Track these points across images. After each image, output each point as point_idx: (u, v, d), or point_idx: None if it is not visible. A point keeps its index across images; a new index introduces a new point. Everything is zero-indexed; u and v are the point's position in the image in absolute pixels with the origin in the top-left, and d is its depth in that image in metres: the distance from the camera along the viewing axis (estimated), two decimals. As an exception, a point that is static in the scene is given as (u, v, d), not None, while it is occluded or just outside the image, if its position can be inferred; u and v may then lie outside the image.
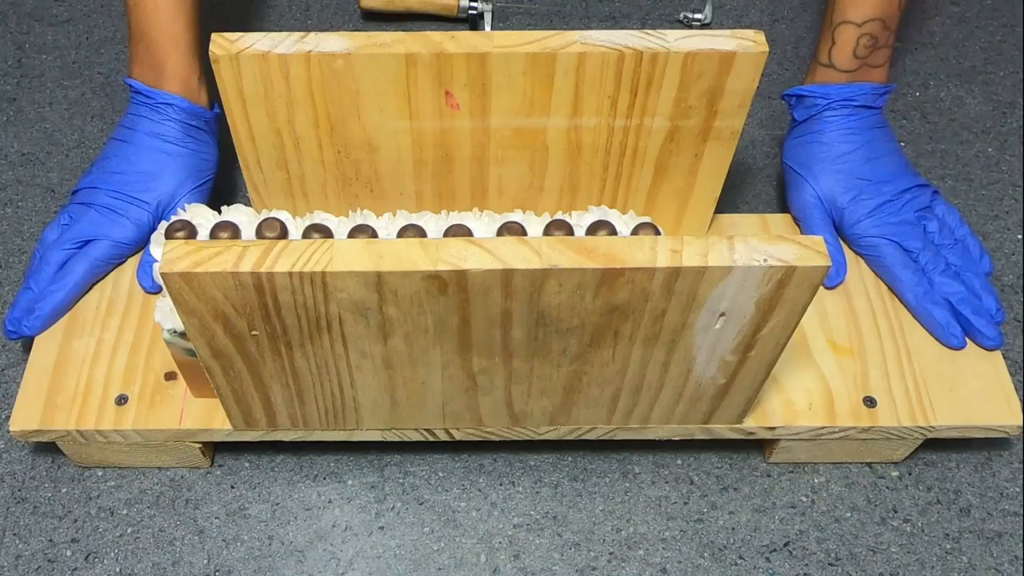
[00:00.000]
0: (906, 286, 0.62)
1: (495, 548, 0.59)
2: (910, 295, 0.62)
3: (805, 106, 0.67)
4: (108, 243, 0.62)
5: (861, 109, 0.66)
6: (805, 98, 0.67)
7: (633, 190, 0.61)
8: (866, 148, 0.65)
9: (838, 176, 0.65)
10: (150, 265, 0.62)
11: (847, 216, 0.64)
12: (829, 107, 0.66)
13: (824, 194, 0.65)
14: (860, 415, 0.58)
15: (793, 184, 0.67)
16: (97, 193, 0.63)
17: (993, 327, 0.60)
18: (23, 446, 0.63)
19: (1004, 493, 0.62)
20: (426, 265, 0.42)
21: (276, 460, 0.62)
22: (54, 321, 0.61)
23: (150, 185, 0.63)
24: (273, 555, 0.59)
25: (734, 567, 0.59)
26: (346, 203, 0.61)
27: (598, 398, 0.54)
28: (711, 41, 0.51)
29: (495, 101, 0.54)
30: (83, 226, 0.62)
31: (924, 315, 0.61)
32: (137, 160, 0.63)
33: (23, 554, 0.59)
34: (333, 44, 0.51)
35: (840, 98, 0.66)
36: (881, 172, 0.65)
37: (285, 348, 0.48)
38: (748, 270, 0.42)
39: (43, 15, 0.90)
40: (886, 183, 0.64)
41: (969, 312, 0.61)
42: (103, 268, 0.62)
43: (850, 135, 0.65)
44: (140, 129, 0.64)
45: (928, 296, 0.61)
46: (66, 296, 0.61)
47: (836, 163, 0.65)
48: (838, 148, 0.65)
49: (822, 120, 0.66)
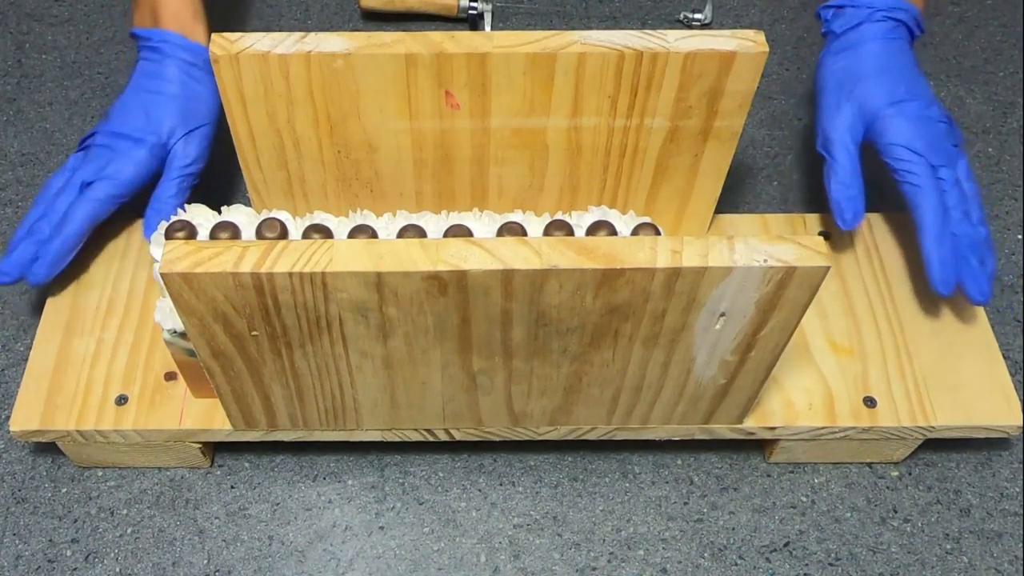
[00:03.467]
0: (927, 213, 0.58)
1: (495, 548, 0.59)
2: (929, 222, 0.58)
3: (845, 17, 0.63)
4: (106, 183, 0.62)
5: (902, 27, 0.62)
6: (846, 9, 0.63)
7: (633, 190, 0.61)
8: (913, 67, 0.61)
9: (884, 84, 0.60)
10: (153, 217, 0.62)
11: (887, 123, 0.59)
12: (871, 17, 0.61)
13: (864, 106, 0.60)
14: (860, 415, 0.58)
15: (827, 103, 0.62)
16: (95, 137, 0.63)
17: (988, 282, 0.58)
18: (23, 446, 0.63)
19: (1004, 493, 0.62)
20: (426, 265, 0.42)
21: (276, 460, 0.63)
22: (60, 268, 0.61)
23: (143, 122, 0.63)
24: (273, 555, 0.59)
25: (734, 567, 0.59)
26: (346, 203, 0.61)
27: (598, 398, 0.54)
28: (711, 41, 0.51)
29: (495, 101, 0.54)
30: (82, 170, 0.62)
31: (933, 250, 0.58)
32: (133, 101, 0.64)
33: (23, 554, 0.59)
34: (333, 44, 0.51)
35: (885, 7, 0.61)
36: (925, 92, 0.61)
37: (285, 348, 0.48)
38: (748, 270, 0.42)
39: (43, 15, 0.90)
40: (931, 105, 0.60)
41: (976, 260, 0.58)
42: (103, 208, 0.62)
43: (897, 47, 0.61)
44: (139, 72, 0.65)
45: (944, 232, 0.58)
46: (68, 240, 0.60)
47: (883, 73, 0.60)
48: (885, 58, 0.61)
49: (865, 29, 0.62)
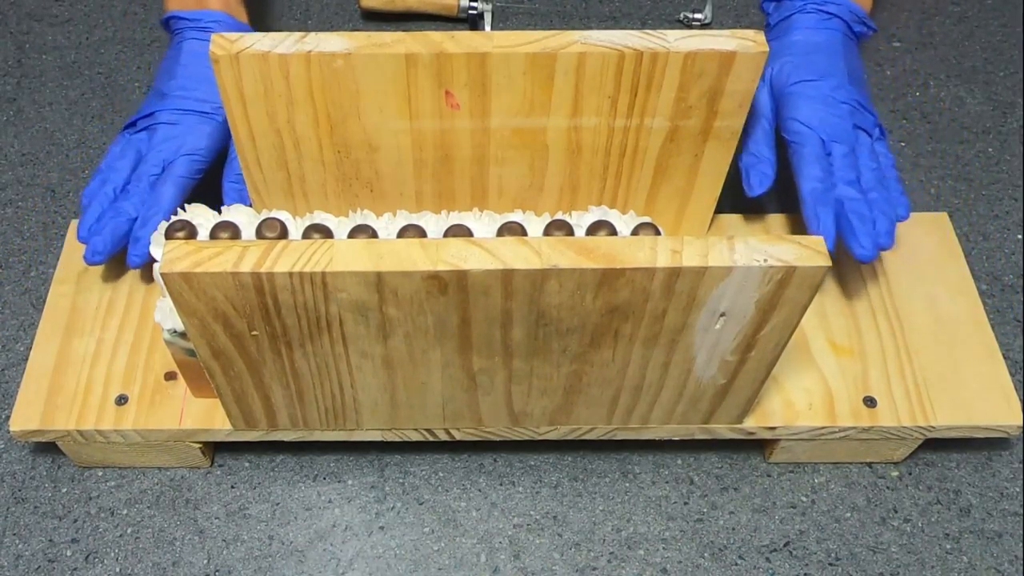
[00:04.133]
0: (806, 179, 0.59)
1: (495, 548, 0.59)
2: (807, 188, 0.58)
3: (781, 9, 0.66)
4: (187, 159, 0.62)
5: (835, 19, 0.64)
6: (783, 2, 0.67)
7: (633, 190, 0.61)
8: (829, 51, 0.63)
9: (796, 66, 0.63)
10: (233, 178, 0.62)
11: (789, 100, 0.61)
12: (803, 9, 0.65)
13: (777, 83, 0.63)
14: (860, 415, 0.58)
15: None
16: (160, 115, 0.63)
17: (869, 237, 0.57)
18: (23, 446, 0.63)
19: (1004, 493, 0.62)
20: (426, 265, 0.42)
21: (276, 460, 0.63)
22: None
23: (210, 95, 0.63)
24: (273, 555, 0.59)
25: (734, 567, 0.59)
26: (346, 203, 0.61)
27: (598, 398, 0.54)
28: (711, 41, 0.51)
29: (495, 101, 0.54)
30: (155, 152, 0.62)
31: (809, 210, 0.58)
32: (190, 76, 0.64)
33: (23, 554, 0.59)
34: (333, 44, 0.51)
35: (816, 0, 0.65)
36: (839, 74, 0.62)
37: (285, 348, 0.48)
38: (748, 270, 0.42)
39: (43, 15, 0.90)
40: (841, 86, 0.62)
41: (855, 218, 0.57)
42: (189, 184, 0.62)
43: (819, 36, 0.64)
44: (188, 51, 0.65)
45: (825, 195, 0.58)
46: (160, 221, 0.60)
47: (798, 54, 0.63)
48: (804, 44, 0.64)
49: (793, 20, 0.65)
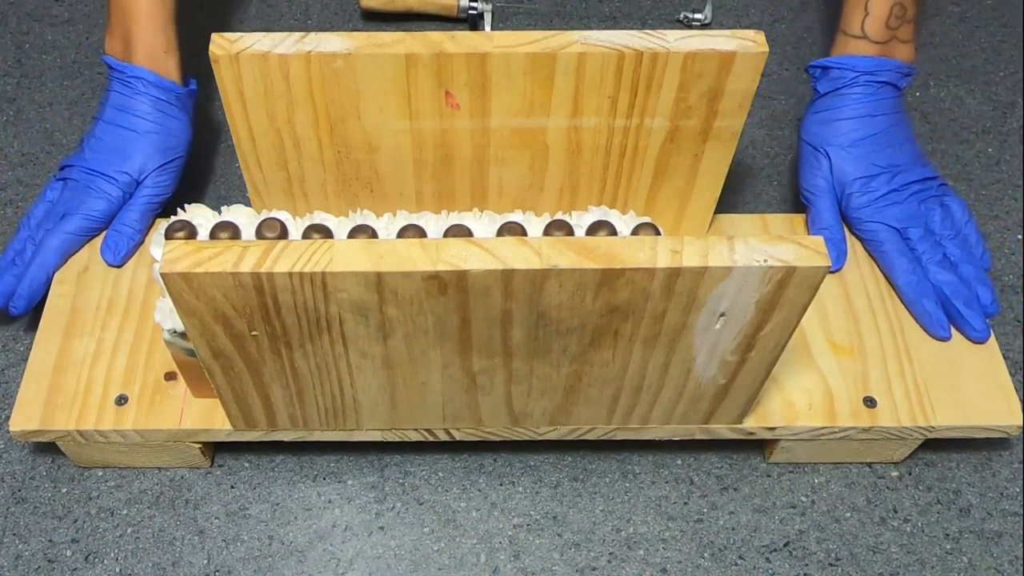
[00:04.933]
0: (899, 273, 0.62)
1: (495, 548, 0.59)
2: (903, 282, 0.62)
3: (830, 78, 0.66)
4: (79, 217, 0.64)
5: (886, 87, 0.65)
6: (831, 70, 0.66)
7: (633, 190, 0.61)
8: (884, 134, 0.65)
9: (854, 159, 0.65)
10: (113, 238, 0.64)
11: (854, 200, 0.64)
12: (855, 81, 0.65)
13: (837, 174, 0.65)
14: (860, 415, 0.58)
15: (807, 161, 0.67)
16: (72, 171, 0.66)
17: (981, 319, 0.60)
18: (23, 446, 0.63)
19: (1004, 493, 0.62)
20: (426, 265, 0.42)
21: (276, 460, 0.63)
22: (37, 299, 0.63)
23: (118, 160, 0.65)
24: (273, 555, 0.59)
25: (734, 567, 0.59)
26: (346, 203, 0.61)
27: (598, 398, 0.54)
28: (711, 41, 0.51)
29: (495, 101, 0.54)
30: (61, 203, 0.65)
31: (915, 303, 0.61)
32: (107, 136, 0.66)
33: (23, 554, 0.59)
34: (333, 44, 0.51)
35: (867, 70, 0.65)
36: (896, 160, 0.65)
37: (285, 348, 0.48)
38: (748, 270, 0.42)
39: (43, 15, 0.90)
40: (899, 172, 0.64)
41: (960, 303, 0.61)
42: (76, 241, 0.64)
43: (871, 118, 0.65)
44: (111, 104, 0.66)
45: (921, 285, 0.61)
46: (43, 270, 0.63)
47: (854, 146, 0.65)
48: (858, 131, 0.65)
49: (845, 96, 0.65)
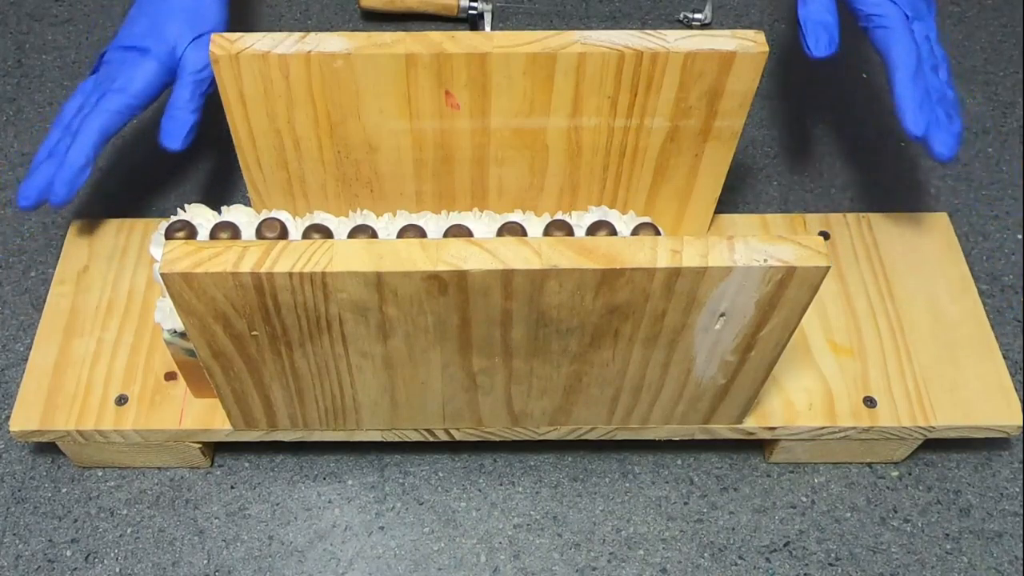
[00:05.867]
0: (902, 54, 0.58)
1: (495, 548, 0.59)
2: (904, 63, 0.58)
3: None
4: (116, 94, 0.62)
5: None
6: None
7: (633, 190, 0.61)
8: None
9: None
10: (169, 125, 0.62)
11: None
12: None
13: None
14: (860, 415, 0.58)
15: None
16: (105, 55, 0.64)
17: (955, 136, 0.58)
18: (23, 446, 0.63)
19: (1004, 493, 0.62)
20: (426, 265, 0.42)
21: (276, 460, 0.63)
22: (78, 186, 0.61)
23: (150, 31, 0.63)
24: (273, 555, 0.59)
25: (734, 567, 0.59)
26: (346, 203, 0.61)
27: (598, 398, 0.54)
28: (711, 41, 0.51)
29: (495, 101, 0.54)
30: (96, 88, 0.63)
31: (907, 89, 0.58)
32: (137, 13, 0.64)
33: (23, 554, 0.59)
34: (333, 44, 0.51)
35: None
36: None
37: (285, 348, 0.48)
38: (748, 270, 0.42)
39: (43, 15, 0.90)
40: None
41: (943, 114, 0.58)
42: (116, 119, 0.62)
43: None
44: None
45: (919, 75, 0.58)
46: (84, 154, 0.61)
47: None
48: None
49: None
